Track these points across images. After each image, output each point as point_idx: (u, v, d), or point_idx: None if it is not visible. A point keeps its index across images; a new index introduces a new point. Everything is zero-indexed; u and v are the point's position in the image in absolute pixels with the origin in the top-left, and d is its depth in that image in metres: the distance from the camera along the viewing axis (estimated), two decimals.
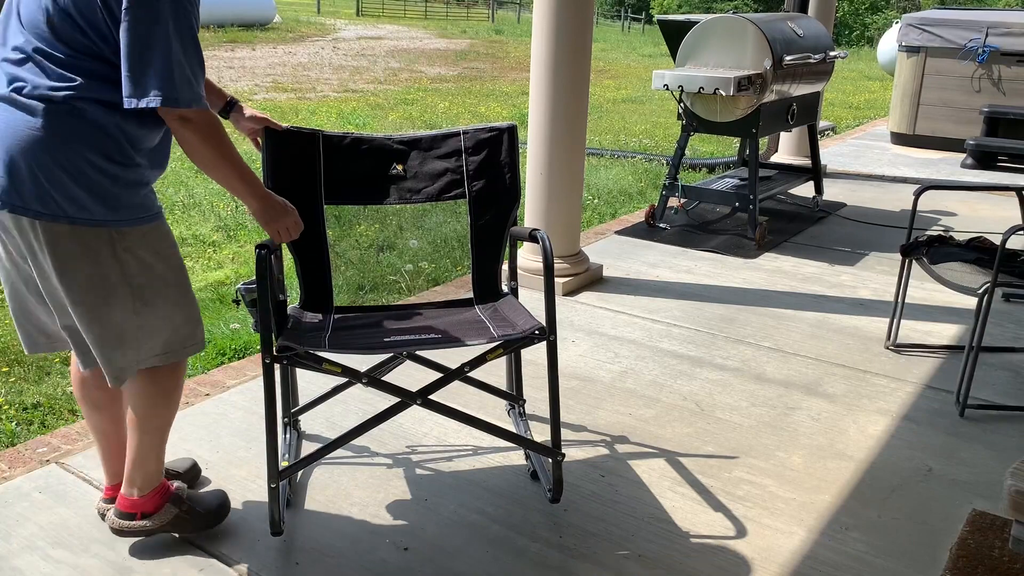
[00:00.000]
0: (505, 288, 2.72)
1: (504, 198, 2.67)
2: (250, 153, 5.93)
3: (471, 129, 2.66)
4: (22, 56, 1.89)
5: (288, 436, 2.75)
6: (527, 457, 2.71)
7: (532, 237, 2.47)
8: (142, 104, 1.85)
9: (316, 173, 2.58)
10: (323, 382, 3.05)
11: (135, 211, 2.00)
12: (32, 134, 1.86)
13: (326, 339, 2.36)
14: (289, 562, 2.22)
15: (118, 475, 2.34)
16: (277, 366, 2.20)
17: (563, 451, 2.43)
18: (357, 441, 2.80)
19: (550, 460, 2.43)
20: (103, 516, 2.34)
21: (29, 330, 2.14)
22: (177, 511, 2.24)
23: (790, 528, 2.43)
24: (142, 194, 2.02)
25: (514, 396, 2.87)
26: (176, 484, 2.29)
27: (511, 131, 2.67)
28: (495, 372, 3.08)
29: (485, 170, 2.66)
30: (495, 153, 2.65)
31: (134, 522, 2.21)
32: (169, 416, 2.23)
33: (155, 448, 2.21)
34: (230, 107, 2.44)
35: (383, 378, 2.44)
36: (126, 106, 1.86)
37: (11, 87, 1.88)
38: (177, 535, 2.26)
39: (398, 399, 2.31)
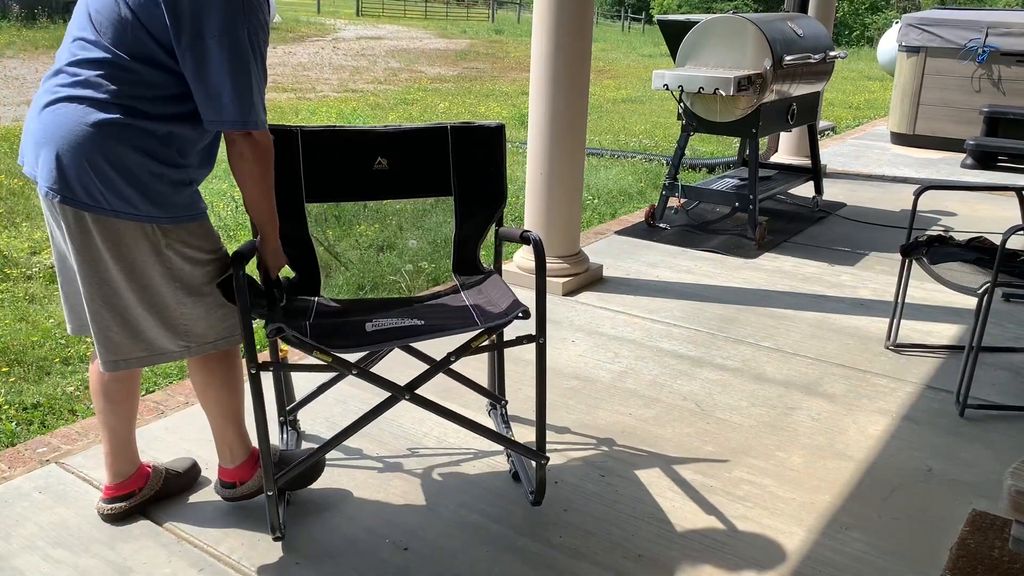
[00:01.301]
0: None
1: (490, 198, 2.63)
2: None
3: (459, 125, 2.64)
4: (86, 55, 1.94)
5: (286, 436, 2.75)
6: (508, 457, 2.71)
7: (524, 238, 2.45)
8: (222, 128, 1.98)
9: (296, 172, 2.53)
10: (317, 380, 3.04)
11: (181, 209, 2.06)
12: (86, 131, 1.91)
13: (308, 325, 2.34)
14: (289, 562, 2.22)
15: (120, 475, 2.35)
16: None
17: (547, 455, 2.42)
18: (357, 442, 2.80)
19: (534, 463, 2.43)
20: (102, 515, 2.35)
21: (78, 311, 2.19)
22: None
23: (790, 528, 2.43)
24: (188, 193, 2.07)
25: (496, 396, 2.85)
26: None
27: (499, 130, 2.64)
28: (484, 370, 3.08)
29: (472, 168, 2.62)
30: (482, 152, 2.63)
31: (235, 490, 2.39)
32: (233, 402, 2.33)
33: (230, 428, 2.34)
34: None
35: (372, 369, 2.42)
36: (207, 128, 1.99)
37: (72, 83, 1.94)
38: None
39: (388, 394, 2.29)
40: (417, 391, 2.32)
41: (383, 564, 2.22)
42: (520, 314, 2.28)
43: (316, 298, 2.56)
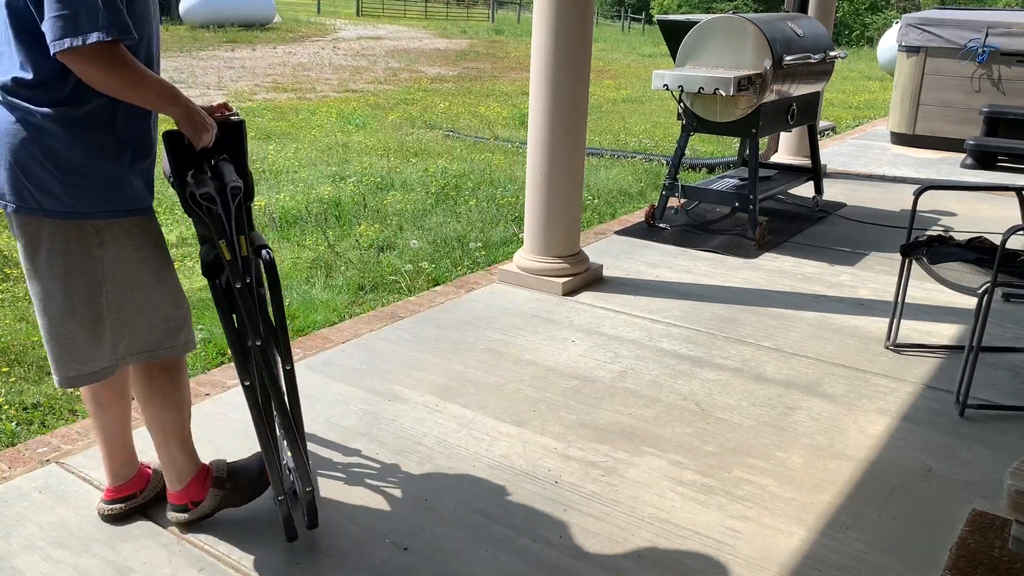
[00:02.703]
0: None
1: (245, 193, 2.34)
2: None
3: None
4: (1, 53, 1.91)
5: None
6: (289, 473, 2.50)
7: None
8: (70, 44, 1.77)
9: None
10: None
11: (113, 203, 1.98)
12: (9, 128, 1.90)
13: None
14: (289, 562, 2.22)
15: (119, 476, 2.34)
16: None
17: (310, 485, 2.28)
18: (357, 442, 2.80)
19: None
20: (102, 516, 2.35)
21: None
22: (222, 492, 2.31)
23: (790, 528, 2.43)
24: (123, 187, 2.00)
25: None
26: (215, 464, 2.34)
27: (241, 125, 2.28)
28: None
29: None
30: (229, 147, 2.28)
31: (186, 513, 2.30)
32: (176, 416, 2.24)
33: (175, 446, 2.26)
34: None
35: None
36: (53, 50, 1.79)
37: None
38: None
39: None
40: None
41: (383, 564, 2.22)
42: None
43: None
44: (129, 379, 2.26)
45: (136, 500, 2.37)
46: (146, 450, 2.65)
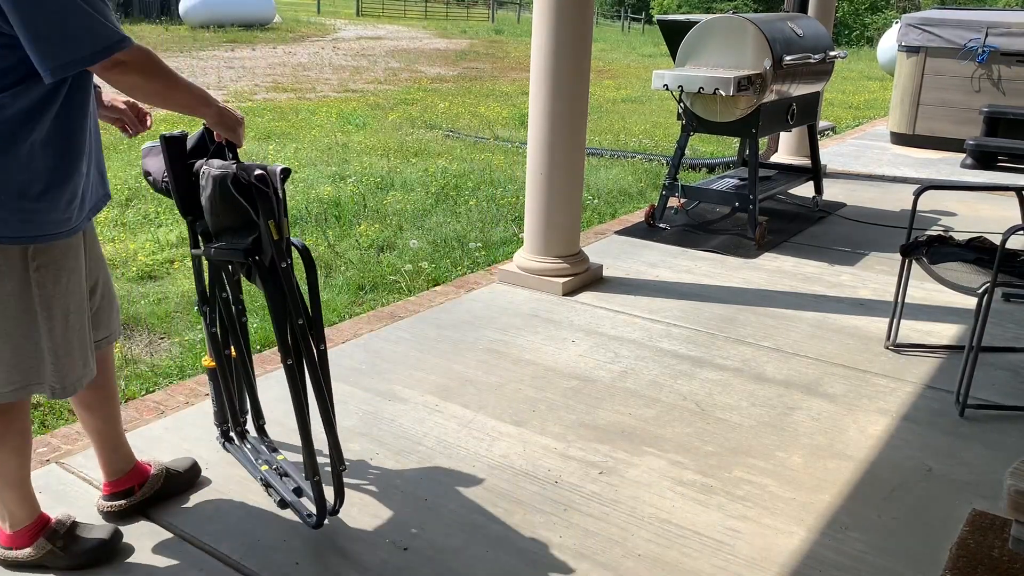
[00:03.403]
0: None
1: None
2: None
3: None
4: None
5: (246, 445, 2.68)
6: (267, 487, 2.50)
7: None
8: (62, 74, 1.75)
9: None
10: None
11: (55, 225, 1.89)
12: None
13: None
14: (289, 562, 2.22)
15: (116, 472, 2.36)
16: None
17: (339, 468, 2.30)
18: (357, 442, 2.80)
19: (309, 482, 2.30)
20: (102, 513, 2.35)
21: None
22: (51, 547, 2.15)
23: (790, 528, 2.43)
24: (59, 205, 1.90)
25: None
26: (59, 519, 2.20)
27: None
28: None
29: None
30: None
31: (8, 552, 2.15)
32: (11, 462, 2.06)
33: (6, 492, 2.09)
34: None
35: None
36: (48, 80, 1.76)
37: None
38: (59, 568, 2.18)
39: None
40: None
41: (383, 564, 2.22)
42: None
43: None
44: (109, 376, 2.25)
45: (135, 496, 2.37)
46: (146, 449, 2.66)
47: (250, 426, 2.71)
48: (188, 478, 2.51)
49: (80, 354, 2.04)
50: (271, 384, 3.17)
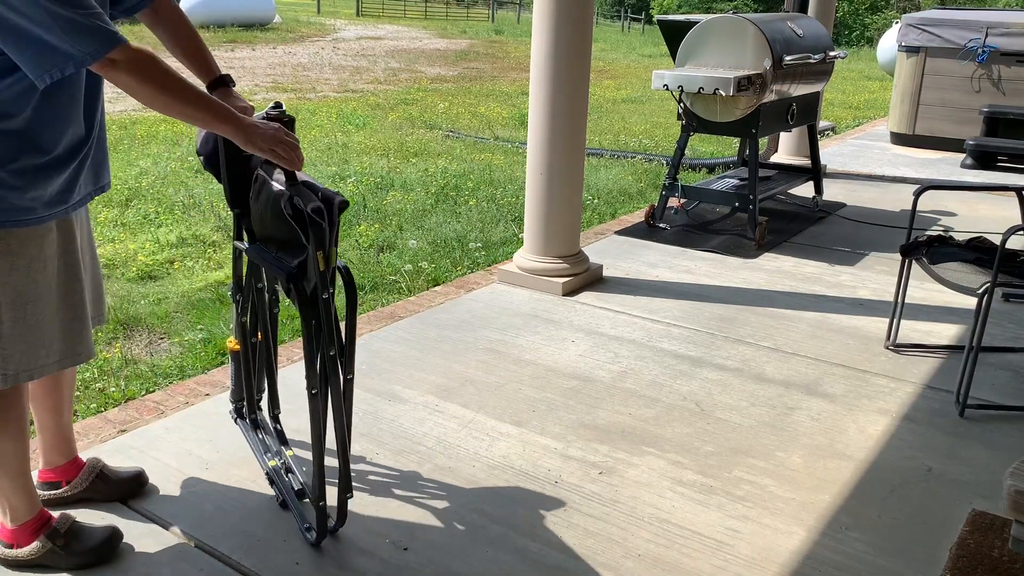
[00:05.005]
0: None
1: None
2: None
3: None
4: None
5: (258, 433, 2.71)
6: (271, 483, 2.51)
7: None
8: (51, 79, 1.73)
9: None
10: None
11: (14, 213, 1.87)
12: None
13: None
14: (289, 562, 2.22)
15: (49, 462, 2.37)
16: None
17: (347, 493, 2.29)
18: (357, 442, 2.80)
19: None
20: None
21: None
22: (52, 546, 2.14)
23: (790, 528, 2.43)
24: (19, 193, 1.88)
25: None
26: (60, 517, 2.20)
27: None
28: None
29: None
30: None
31: (9, 551, 2.15)
32: (8, 450, 2.05)
33: (5, 481, 2.08)
34: (215, 87, 2.28)
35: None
36: (40, 86, 1.75)
37: None
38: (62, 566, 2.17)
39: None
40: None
41: (383, 564, 2.22)
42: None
43: None
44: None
45: (61, 491, 2.37)
46: (146, 449, 2.66)
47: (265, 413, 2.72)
48: (124, 487, 2.44)
49: (33, 344, 1.98)
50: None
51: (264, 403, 2.76)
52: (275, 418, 2.72)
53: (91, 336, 2.14)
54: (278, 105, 2.19)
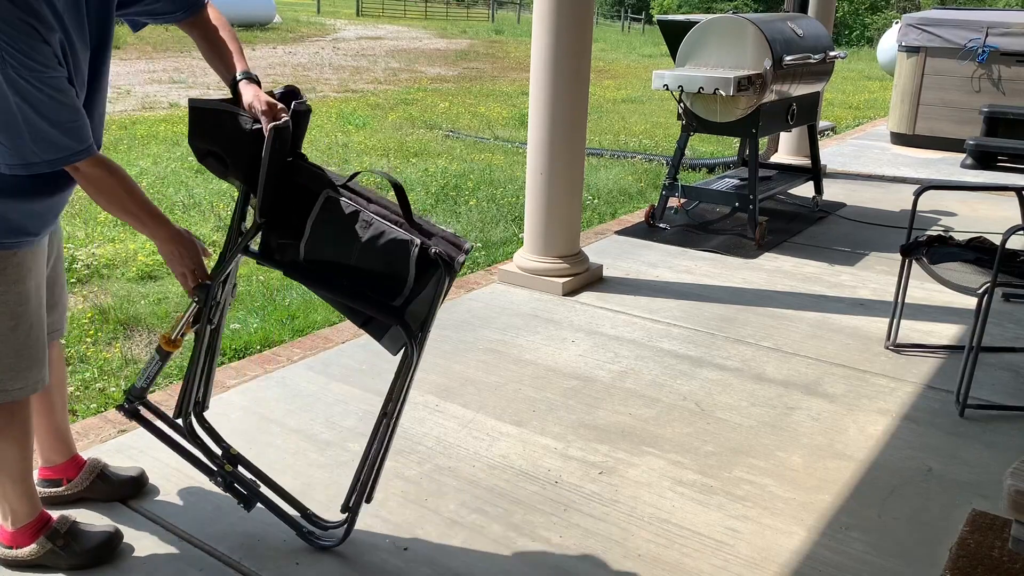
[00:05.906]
0: None
1: None
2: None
3: None
4: None
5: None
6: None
7: None
8: (17, 172, 1.84)
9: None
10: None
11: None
12: None
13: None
14: (289, 562, 2.22)
15: (47, 461, 2.38)
16: None
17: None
18: (357, 442, 2.80)
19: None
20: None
21: None
22: (52, 546, 2.15)
23: (790, 528, 2.43)
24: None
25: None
26: (59, 518, 2.20)
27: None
28: None
29: None
30: None
31: (8, 552, 2.15)
32: (12, 455, 2.07)
33: (7, 485, 2.10)
34: (237, 84, 2.19)
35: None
36: (7, 172, 1.84)
37: None
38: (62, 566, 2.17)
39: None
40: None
41: (383, 564, 2.22)
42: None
43: None
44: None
45: (61, 490, 2.38)
46: (147, 449, 2.66)
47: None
48: (122, 488, 2.45)
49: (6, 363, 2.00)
50: (270, 384, 3.17)
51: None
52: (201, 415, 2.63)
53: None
54: (295, 92, 2.13)
